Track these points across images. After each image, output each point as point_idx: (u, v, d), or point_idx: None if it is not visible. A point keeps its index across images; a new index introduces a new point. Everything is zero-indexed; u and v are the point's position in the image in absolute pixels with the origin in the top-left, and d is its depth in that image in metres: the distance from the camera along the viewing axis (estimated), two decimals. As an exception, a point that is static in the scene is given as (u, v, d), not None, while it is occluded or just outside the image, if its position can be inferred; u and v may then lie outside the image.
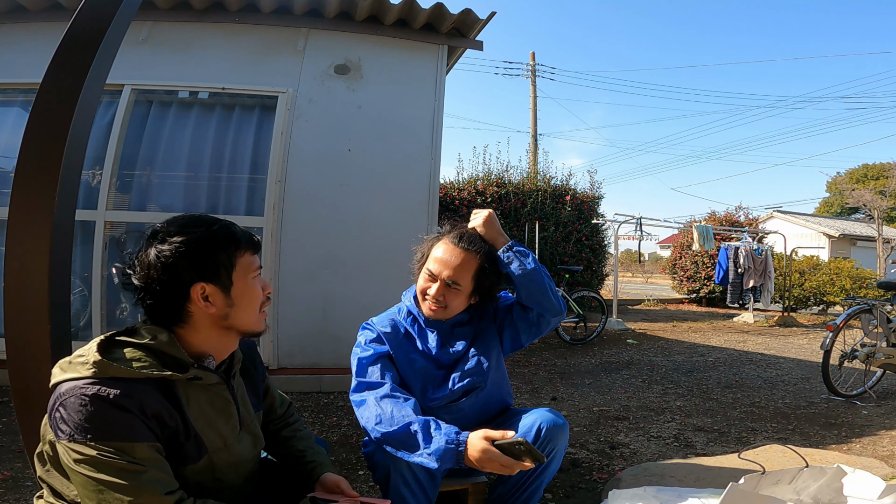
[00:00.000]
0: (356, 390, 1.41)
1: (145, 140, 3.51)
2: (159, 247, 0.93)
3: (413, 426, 1.27)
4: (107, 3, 1.22)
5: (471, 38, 3.85)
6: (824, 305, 10.40)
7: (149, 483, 0.84)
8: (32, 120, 1.17)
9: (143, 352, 0.91)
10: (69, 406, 0.83)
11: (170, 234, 0.94)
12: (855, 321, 3.68)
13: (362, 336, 1.51)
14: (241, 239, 0.99)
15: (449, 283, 1.44)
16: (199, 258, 0.94)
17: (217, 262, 0.95)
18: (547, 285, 1.48)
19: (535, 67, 15.32)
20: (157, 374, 0.88)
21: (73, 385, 0.84)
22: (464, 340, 1.53)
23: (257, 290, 1.02)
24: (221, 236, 0.96)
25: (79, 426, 0.82)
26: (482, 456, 1.20)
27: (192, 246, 0.93)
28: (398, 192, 3.63)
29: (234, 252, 0.98)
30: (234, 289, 0.97)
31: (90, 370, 0.85)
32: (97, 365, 0.85)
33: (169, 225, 0.96)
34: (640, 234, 7.84)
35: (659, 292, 13.81)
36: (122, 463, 0.83)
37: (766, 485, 1.29)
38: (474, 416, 1.52)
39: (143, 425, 0.86)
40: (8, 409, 2.70)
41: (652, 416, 3.13)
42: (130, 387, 0.86)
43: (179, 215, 1.00)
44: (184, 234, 0.93)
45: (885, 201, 17.89)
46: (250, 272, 1.00)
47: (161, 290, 0.93)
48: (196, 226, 0.96)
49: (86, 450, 0.82)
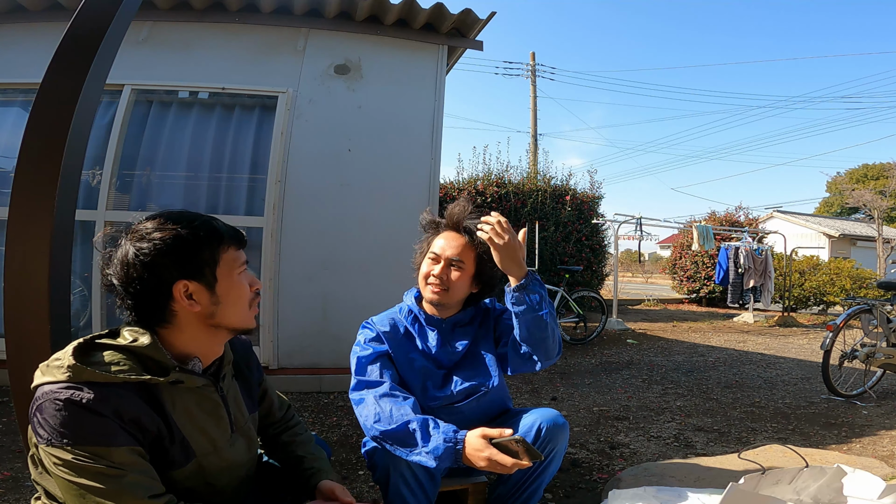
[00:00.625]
0: (355, 389, 1.41)
1: (145, 140, 3.51)
2: (138, 244, 0.89)
3: (411, 424, 1.27)
4: (107, 3, 1.22)
5: (471, 38, 3.85)
6: (824, 305, 10.40)
7: (129, 487, 0.82)
8: (32, 120, 1.17)
9: (122, 354, 0.88)
10: (45, 410, 0.82)
11: (148, 230, 0.90)
12: (855, 321, 3.68)
13: (361, 335, 1.51)
14: (225, 234, 0.95)
15: (452, 262, 1.44)
16: (180, 255, 0.90)
17: (200, 258, 0.92)
18: (549, 333, 1.39)
19: (535, 67, 15.32)
20: (134, 378, 0.86)
21: (49, 389, 0.83)
22: (464, 340, 1.53)
23: (243, 287, 0.98)
24: (203, 232, 0.92)
25: (55, 430, 0.81)
26: (480, 454, 1.20)
27: (173, 243, 0.89)
28: (398, 192, 3.63)
29: (217, 248, 0.94)
30: (218, 286, 0.94)
31: (65, 374, 0.83)
32: (72, 369, 0.83)
33: (147, 221, 0.93)
34: (640, 234, 7.84)
35: (659, 292, 13.81)
36: (100, 467, 0.81)
37: (766, 485, 1.29)
38: (474, 418, 1.52)
39: (121, 429, 0.84)
40: (8, 409, 2.70)
41: (652, 416, 3.13)
42: (106, 391, 0.83)
43: (159, 211, 0.96)
44: (163, 231, 0.90)
45: (885, 201, 17.90)
46: (235, 268, 0.96)
47: (141, 289, 0.90)
48: (176, 222, 0.92)
49: (63, 454, 0.81)
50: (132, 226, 0.94)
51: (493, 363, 1.53)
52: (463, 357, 1.53)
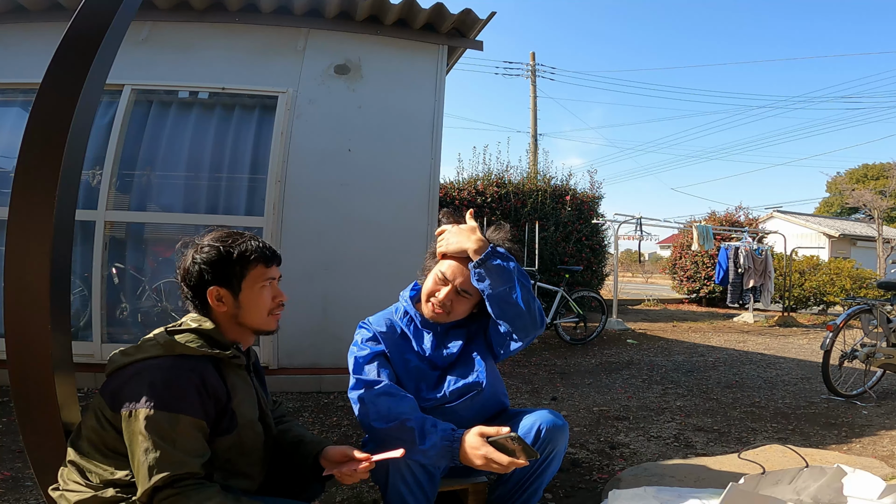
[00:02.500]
0: (354, 388, 1.42)
1: (145, 140, 3.51)
2: (194, 253, 1.16)
3: (409, 423, 1.28)
4: (107, 3, 1.22)
5: (471, 38, 3.85)
6: (824, 305, 10.40)
7: (182, 451, 1.00)
8: (32, 120, 1.17)
9: (195, 335, 1.11)
10: (148, 377, 1.01)
11: (203, 244, 1.16)
12: (855, 321, 3.68)
13: (359, 335, 1.52)
14: (255, 253, 1.18)
15: (459, 291, 1.44)
16: (216, 267, 1.14)
17: (230, 271, 1.15)
18: (525, 308, 1.37)
19: (535, 67, 15.32)
20: (211, 352, 1.10)
21: (151, 363, 1.04)
22: (458, 341, 1.53)
23: (264, 297, 1.19)
24: (236, 250, 1.16)
25: (156, 395, 0.99)
26: (476, 452, 1.20)
27: (214, 256, 1.14)
28: (398, 192, 3.63)
29: (247, 265, 1.16)
30: (242, 294, 1.16)
31: (160, 350, 1.06)
32: (166, 345, 1.07)
33: (206, 236, 1.19)
34: (640, 234, 7.85)
35: (659, 292, 13.80)
36: (171, 431, 0.99)
37: (766, 485, 1.29)
38: (470, 417, 1.51)
39: (198, 400, 1.03)
40: (8, 409, 2.70)
41: (652, 416, 3.13)
42: (194, 362, 1.06)
43: (216, 231, 1.20)
44: (210, 247, 1.15)
45: (885, 201, 17.90)
46: (258, 282, 1.18)
47: (191, 286, 1.16)
48: (222, 240, 1.17)
49: (157, 415, 0.98)
50: (194, 240, 1.20)
51: (485, 361, 1.53)
52: (457, 357, 1.53)
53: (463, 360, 1.53)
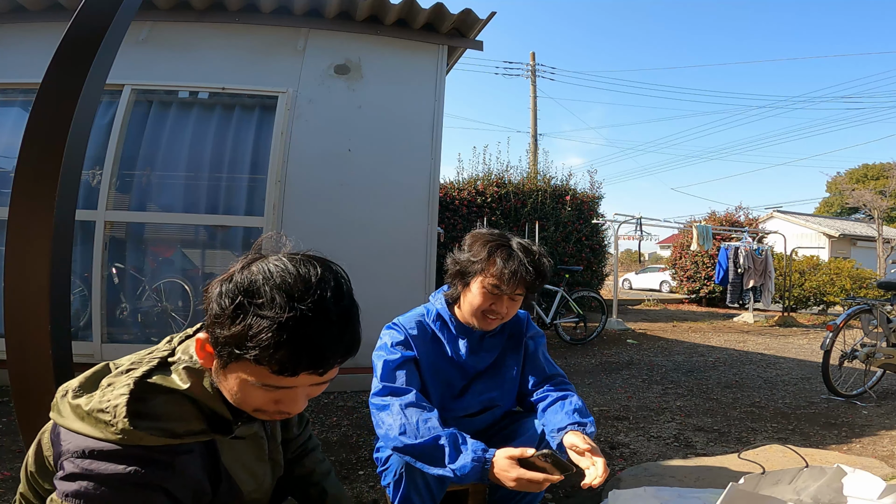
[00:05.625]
0: (379, 394, 1.32)
1: (145, 140, 3.51)
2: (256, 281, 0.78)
3: (441, 439, 1.20)
4: (107, 3, 1.22)
5: (471, 38, 3.85)
6: (824, 305, 10.40)
7: None
8: (32, 120, 1.17)
9: (181, 402, 0.77)
10: (81, 478, 0.68)
11: (272, 275, 0.79)
12: (855, 321, 3.68)
13: (388, 336, 1.42)
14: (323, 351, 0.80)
15: (514, 298, 1.39)
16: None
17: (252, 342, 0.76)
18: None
19: (535, 67, 15.32)
20: (198, 439, 0.77)
21: (88, 445, 0.70)
22: (493, 352, 1.50)
23: (255, 397, 0.84)
24: (304, 333, 0.77)
25: (86, 495, 0.68)
26: (508, 475, 1.15)
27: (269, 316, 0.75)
28: (398, 191, 3.63)
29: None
30: (228, 370, 0.81)
31: (115, 436, 0.70)
32: (125, 433, 0.69)
33: (283, 256, 0.84)
34: (640, 234, 7.85)
35: (658, 293, 13.80)
36: None
37: (766, 485, 1.28)
38: (484, 428, 1.50)
39: (168, 499, 0.73)
40: (8, 409, 2.70)
41: (652, 416, 3.13)
42: (166, 459, 0.72)
43: (299, 259, 0.84)
44: (277, 291, 0.77)
45: (885, 201, 17.92)
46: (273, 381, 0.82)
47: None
48: (298, 297, 0.78)
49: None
50: (281, 249, 0.87)
51: (513, 381, 1.50)
52: (488, 367, 1.50)
53: (492, 372, 1.50)
